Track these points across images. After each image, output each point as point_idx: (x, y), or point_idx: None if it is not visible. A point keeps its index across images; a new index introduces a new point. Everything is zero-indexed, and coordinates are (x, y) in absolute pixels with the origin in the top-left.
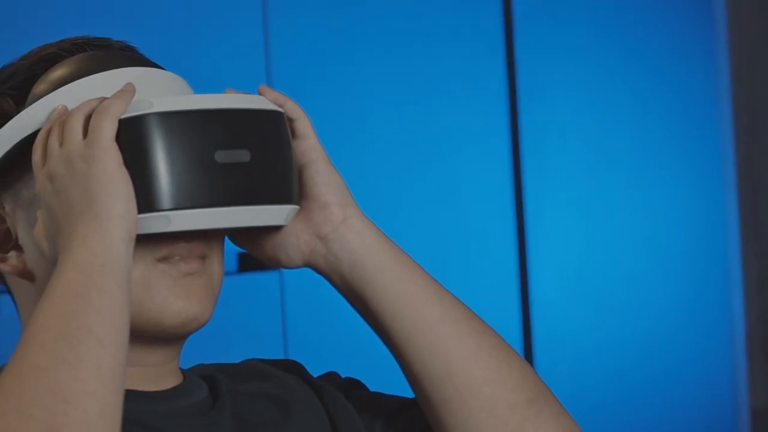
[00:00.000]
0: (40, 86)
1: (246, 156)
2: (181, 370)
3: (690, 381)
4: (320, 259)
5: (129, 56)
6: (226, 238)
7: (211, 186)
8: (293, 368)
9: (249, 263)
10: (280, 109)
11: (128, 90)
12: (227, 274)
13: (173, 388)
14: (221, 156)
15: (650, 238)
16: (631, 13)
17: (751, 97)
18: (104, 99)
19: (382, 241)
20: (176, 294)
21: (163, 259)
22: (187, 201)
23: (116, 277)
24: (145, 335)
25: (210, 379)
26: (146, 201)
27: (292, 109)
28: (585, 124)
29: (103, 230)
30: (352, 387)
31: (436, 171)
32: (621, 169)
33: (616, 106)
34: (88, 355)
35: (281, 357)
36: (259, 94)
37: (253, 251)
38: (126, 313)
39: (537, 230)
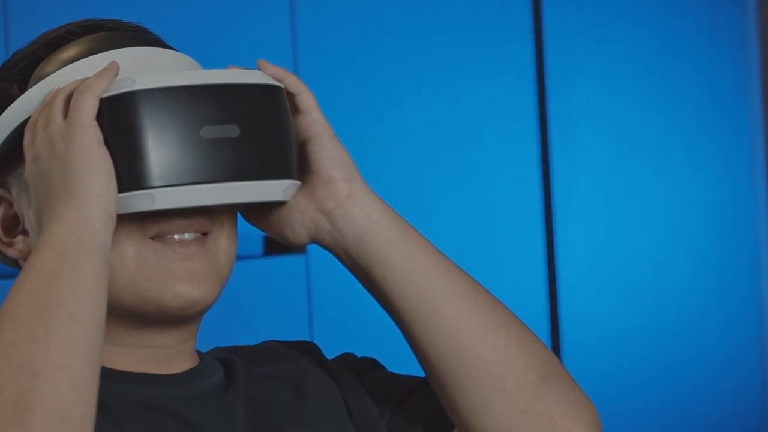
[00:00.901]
0: (43, 69)
1: (235, 131)
2: (198, 352)
3: (718, 365)
4: (326, 234)
5: (136, 36)
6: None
7: (197, 162)
8: (309, 350)
9: (275, 246)
10: (276, 83)
11: (111, 68)
12: (252, 257)
13: (188, 371)
14: (207, 132)
15: (678, 222)
16: None
17: None
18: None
19: (389, 217)
20: (176, 277)
21: (157, 237)
22: (171, 178)
23: (91, 254)
24: (148, 317)
25: (226, 361)
26: (129, 179)
27: (293, 83)
28: (613, 108)
29: (80, 209)
30: (367, 368)
31: (464, 154)
32: (649, 152)
33: (645, 89)
34: (59, 329)
35: (307, 339)
36: (258, 68)
37: (262, 227)
38: (102, 288)
39: (564, 214)
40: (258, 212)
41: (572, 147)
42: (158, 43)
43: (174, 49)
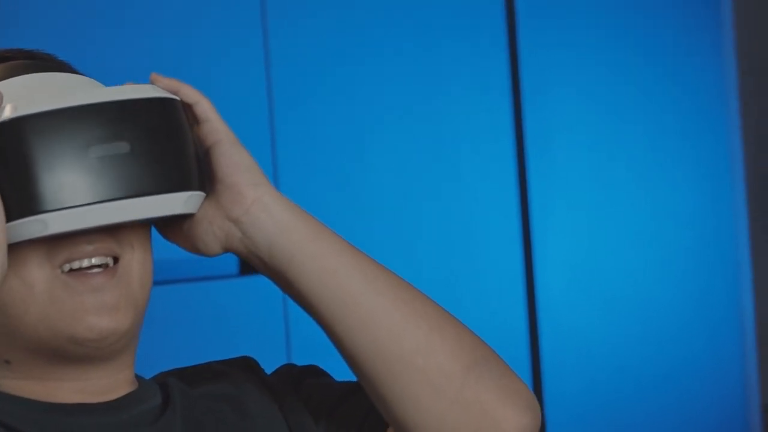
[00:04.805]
0: None
1: (125, 147)
2: (138, 377)
3: (699, 378)
4: (238, 243)
5: (31, 65)
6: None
7: (87, 182)
8: (247, 365)
9: (250, 266)
10: (167, 96)
11: None
12: (228, 277)
13: (123, 398)
14: (96, 151)
15: (658, 234)
16: (635, 7)
17: (759, 90)
18: None
19: (298, 220)
20: (87, 310)
21: (66, 263)
22: (61, 201)
23: None
24: (67, 352)
25: (163, 385)
26: (18, 206)
27: (188, 93)
28: (590, 121)
29: None
30: (304, 377)
31: (440, 170)
32: (627, 164)
33: (622, 102)
34: None
35: (284, 360)
36: (151, 82)
37: (177, 242)
38: None
39: (542, 228)
40: (171, 227)
41: (549, 160)
42: (58, 68)
43: (77, 72)
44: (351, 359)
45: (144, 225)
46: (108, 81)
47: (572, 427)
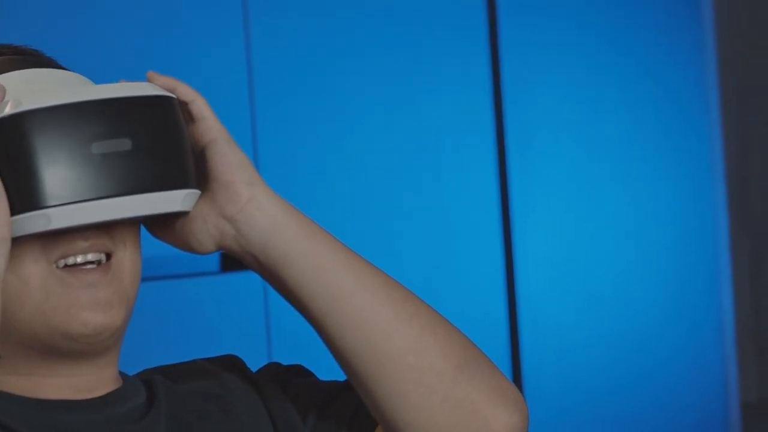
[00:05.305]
0: None
1: (127, 144)
2: (122, 374)
3: (679, 376)
4: (231, 241)
5: (23, 60)
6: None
7: (90, 178)
8: (233, 363)
9: (231, 263)
10: (166, 94)
11: None
12: (209, 274)
13: (108, 395)
14: (98, 147)
15: (638, 232)
16: (617, 6)
17: (739, 88)
18: None
19: (292, 218)
20: (81, 305)
21: (61, 259)
22: (64, 196)
23: None
24: (61, 348)
25: (148, 382)
26: (22, 200)
27: (185, 92)
28: (571, 119)
29: None
30: (291, 376)
31: (422, 167)
32: (608, 162)
33: (603, 99)
34: None
35: (265, 357)
36: (147, 80)
37: (168, 240)
38: None
39: (523, 225)
40: (162, 225)
41: (530, 158)
42: (47, 64)
43: (65, 69)
44: (341, 357)
45: (135, 222)
46: (91, 78)
47: (552, 425)
